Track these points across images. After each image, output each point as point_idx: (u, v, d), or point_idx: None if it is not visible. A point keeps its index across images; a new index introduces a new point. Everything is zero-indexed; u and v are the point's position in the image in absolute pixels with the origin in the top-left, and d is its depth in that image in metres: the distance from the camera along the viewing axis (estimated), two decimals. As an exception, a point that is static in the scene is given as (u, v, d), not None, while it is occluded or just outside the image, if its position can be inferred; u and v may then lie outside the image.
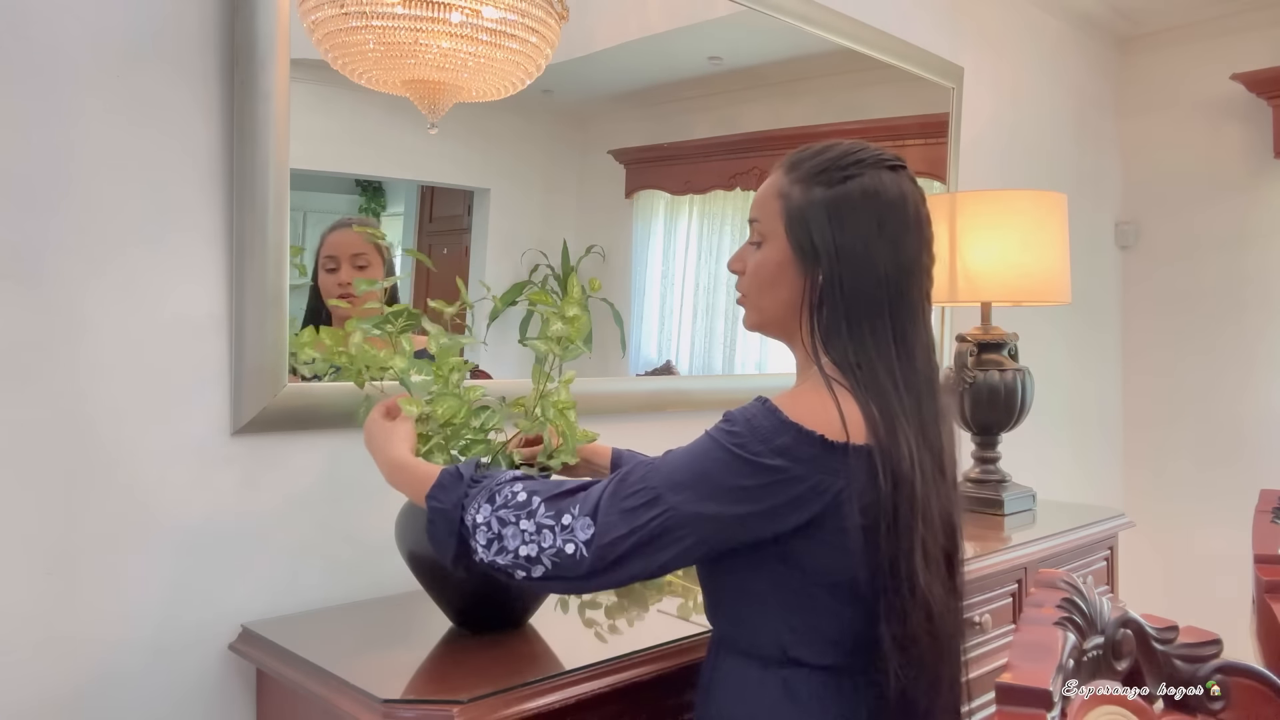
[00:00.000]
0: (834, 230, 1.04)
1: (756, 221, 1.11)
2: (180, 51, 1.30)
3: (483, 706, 1.06)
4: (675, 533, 0.97)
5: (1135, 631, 0.94)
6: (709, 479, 0.98)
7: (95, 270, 1.24)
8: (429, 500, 1.06)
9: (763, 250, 1.09)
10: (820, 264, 1.04)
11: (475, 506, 1.03)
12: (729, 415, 1.02)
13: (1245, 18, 3.19)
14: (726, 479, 0.97)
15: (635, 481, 1.00)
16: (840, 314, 1.04)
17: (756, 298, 1.12)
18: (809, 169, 1.08)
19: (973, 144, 2.71)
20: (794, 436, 0.97)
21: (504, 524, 1.01)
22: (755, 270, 1.10)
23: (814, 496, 0.97)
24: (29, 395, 1.19)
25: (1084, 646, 0.91)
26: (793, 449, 0.97)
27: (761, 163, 2.17)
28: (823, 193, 1.05)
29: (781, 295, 1.08)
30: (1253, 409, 3.23)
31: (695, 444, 1.02)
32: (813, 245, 1.05)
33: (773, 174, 1.12)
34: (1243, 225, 3.24)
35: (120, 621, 1.26)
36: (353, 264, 1.49)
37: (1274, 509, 1.27)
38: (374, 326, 1.26)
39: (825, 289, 1.04)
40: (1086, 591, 0.95)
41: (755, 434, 0.98)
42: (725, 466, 0.98)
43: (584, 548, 0.98)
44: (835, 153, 1.08)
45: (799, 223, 1.06)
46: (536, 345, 1.27)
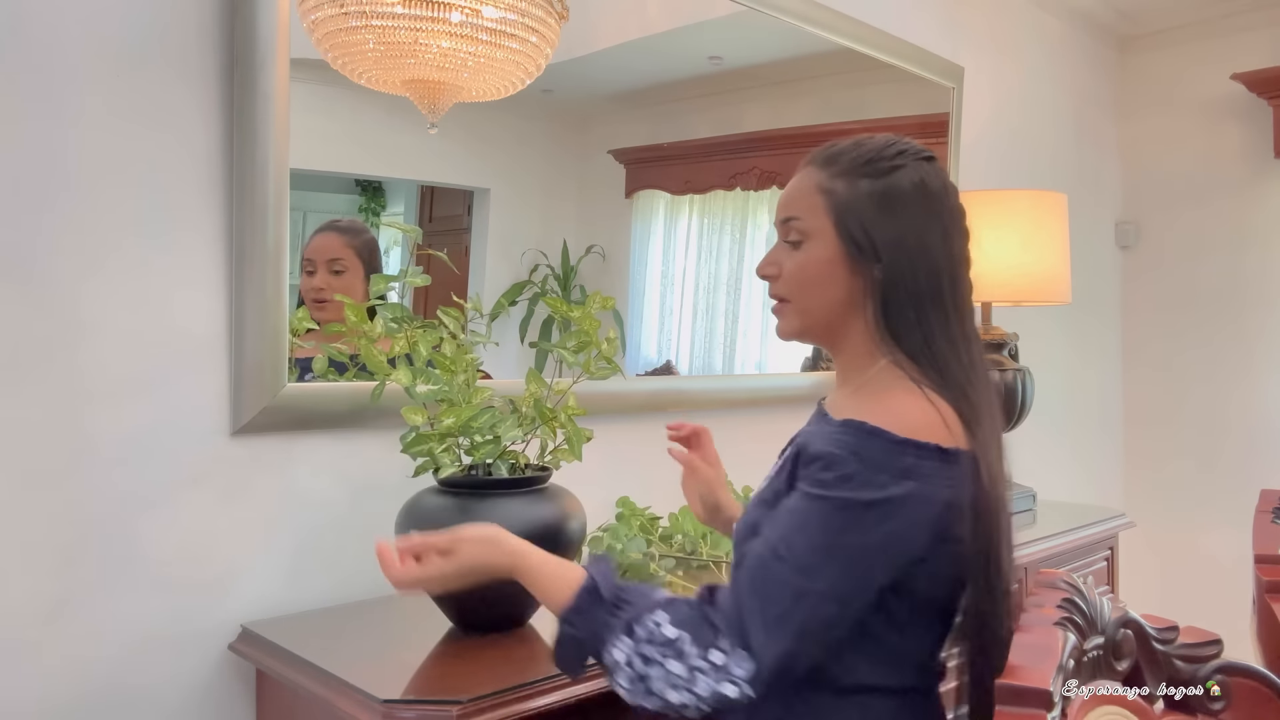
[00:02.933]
0: (889, 222, 1.00)
1: (795, 220, 1.04)
2: (180, 51, 1.30)
3: (483, 706, 1.06)
4: (834, 617, 0.90)
5: (1135, 632, 0.94)
6: (843, 549, 0.90)
7: (95, 270, 1.24)
8: (562, 623, 0.96)
9: (806, 250, 1.03)
10: (878, 258, 0.99)
11: (614, 640, 0.92)
12: (825, 456, 0.93)
13: (1245, 18, 3.18)
14: (864, 538, 0.90)
15: (771, 585, 0.90)
16: (909, 308, 0.99)
17: (802, 300, 1.04)
18: (850, 162, 1.03)
19: (973, 144, 2.71)
20: (914, 454, 0.91)
21: (648, 663, 0.90)
22: (799, 271, 1.03)
23: (944, 512, 0.92)
24: (29, 395, 1.19)
25: (1084, 646, 0.91)
26: (916, 468, 0.91)
27: (761, 163, 2.17)
28: (870, 185, 1.01)
29: (832, 295, 1.02)
30: (1253, 409, 3.23)
31: (808, 512, 0.92)
32: (869, 239, 0.99)
33: (804, 171, 1.06)
34: (1243, 225, 3.24)
35: (120, 621, 1.26)
36: (329, 269, 1.49)
37: (1274, 509, 1.27)
38: (392, 320, 1.27)
39: (887, 284, 0.99)
40: (1087, 592, 0.95)
41: (870, 464, 0.90)
42: (853, 524, 0.90)
43: (746, 685, 0.88)
44: (875, 145, 1.04)
45: (850, 217, 1.00)
46: (566, 356, 1.29)
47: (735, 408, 2.06)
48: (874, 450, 0.91)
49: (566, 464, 1.33)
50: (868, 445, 0.91)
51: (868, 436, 0.92)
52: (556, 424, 1.30)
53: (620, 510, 1.72)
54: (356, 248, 1.53)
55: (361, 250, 1.54)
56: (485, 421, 1.24)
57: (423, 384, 1.24)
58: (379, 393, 1.30)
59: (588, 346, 1.30)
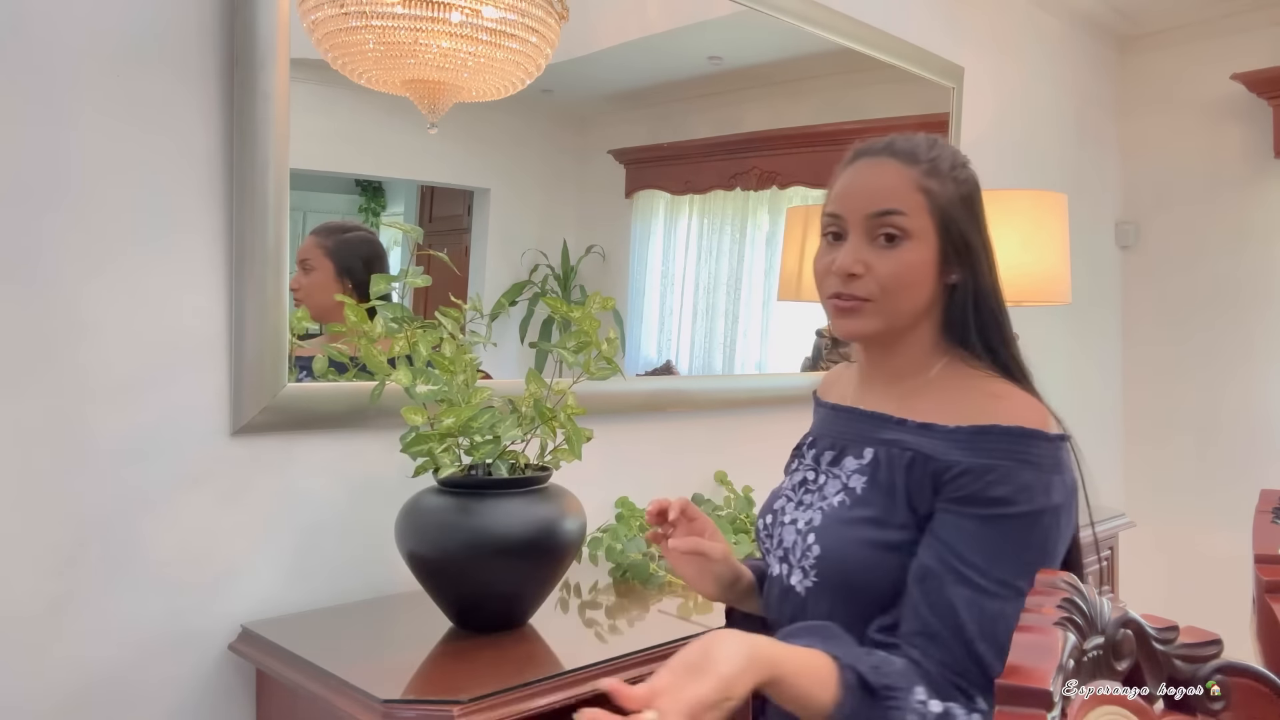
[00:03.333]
0: (974, 226, 1.01)
1: (898, 215, 0.98)
2: (180, 51, 1.30)
3: (483, 706, 1.06)
4: None
5: (1135, 631, 0.94)
6: (1043, 558, 0.91)
7: (95, 270, 1.24)
8: None
9: (905, 249, 0.98)
10: (972, 261, 1.00)
11: None
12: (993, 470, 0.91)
13: (1245, 18, 3.18)
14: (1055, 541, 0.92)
15: (998, 621, 0.89)
16: (980, 310, 1.01)
17: (890, 302, 0.99)
18: (935, 161, 1.01)
19: (973, 144, 2.70)
20: (1059, 447, 0.94)
21: None
22: (897, 272, 0.98)
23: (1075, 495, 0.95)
24: (29, 395, 1.19)
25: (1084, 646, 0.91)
26: (1065, 461, 0.94)
27: (761, 163, 2.17)
28: (956, 188, 1.01)
29: (920, 297, 1.00)
30: (1253, 408, 3.23)
31: (1003, 536, 0.90)
32: (965, 243, 1.00)
33: (886, 164, 1.01)
34: (1243, 225, 3.24)
35: (121, 621, 1.26)
36: (302, 267, 1.52)
37: (1274, 509, 1.27)
38: (392, 320, 1.27)
39: (963, 287, 1.00)
40: (1087, 591, 0.94)
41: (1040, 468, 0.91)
42: (1050, 531, 0.92)
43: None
44: (943, 146, 1.03)
45: (950, 219, 0.99)
46: (566, 356, 1.29)
47: (735, 408, 2.06)
48: (1037, 453, 0.91)
49: (566, 464, 1.33)
50: (1028, 450, 0.91)
51: (1024, 441, 0.91)
52: (556, 424, 1.30)
53: (619, 511, 1.72)
54: (327, 247, 1.56)
55: (334, 250, 1.57)
56: (485, 421, 1.24)
57: (423, 384, 1.24)
58: (379, 393, 1.30)
59: (588, 347, 1.30)
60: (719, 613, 1.41)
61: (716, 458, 1.97)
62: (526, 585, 1.28)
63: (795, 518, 1.04)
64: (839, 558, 0.97)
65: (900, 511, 0.96)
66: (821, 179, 1.20)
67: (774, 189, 2.18)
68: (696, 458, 1.95)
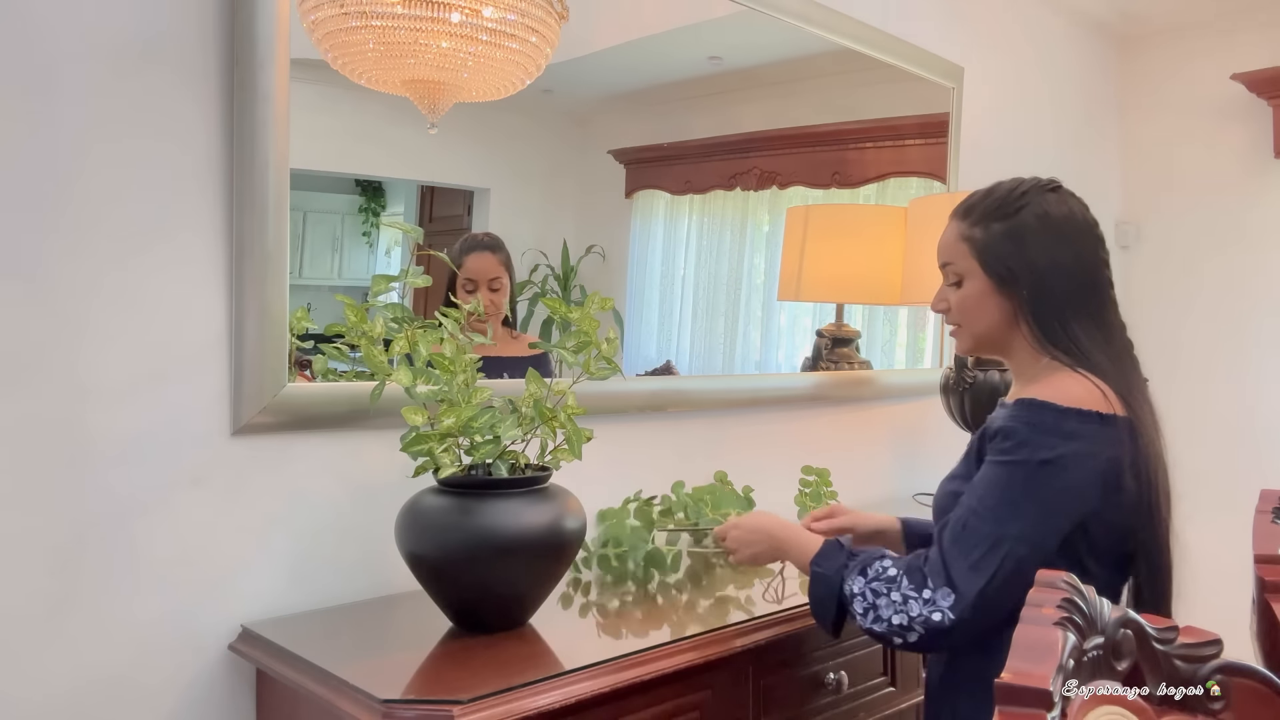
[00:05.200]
0: (1021, 254, 1.24)
1: (950, 265, 1.30)
2: (180, 52, 1.30)
3: (483, 706, 1.06)
4: (1024, 562, 1.10)
5: (1135, 631, 0.94)
6: (1032, 500, 1.13)
7: (94, 270, 1.24)
8: (813, 565, 1.25)
9: (964, 288, 1.29)
10: (1022, 283, 1.24)
11: (851, 578, 1.20)
12: (1005, 430, 1.17)
13: (1245, 18, 3.18)
14: (1043, 491, 1.13)
15: (970, 535, 1.14)
16: (1055, 316, 1.23)
17: (969, 326, 1.30)
18: (983, 211, 1.27)
19: (973, 144, 2.70)
20: (1076, 419, 1.14)
21: (877, 595, 1.17)
22: (961, 305, 1.29)
23: (1107, 467, 1.14)
24: (30, 395, 1.19)
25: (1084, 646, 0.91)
26: (1080, 430, 1.14)
27: (761, 163, 2.17)
28: (1001, 226, 1.25)
29: (991, 318, 1.28)
30: (1253, 408, 3.23)
31: (995, 476, 1.16)
32: (1010, 270, 1.24)
33: (950, 224, 1.31)
34: (1243, 225, 3.24)
35: (120, 621, 1.26)
36: (489, 288, 1.57)
37: (1274, 509, 1.27)
38: (392, 320, 1.27)
39: (1034, 301, 1.24)
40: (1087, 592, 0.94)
41: (1040, 430, 1.14)
42: (1034, 479, 1.13)
43: (949, 613, 1.12)
44: (1001, 192, 1.28)
45: (990, 256, 1.25)
46: (566, 356, 1.29)
47: (735, 408, 2.06)
48: (1043, 419, 1.15)
49: (566, 464, 1.33)
50: (1037, 416, 1.15)
51: (1036, 409, 1.16)
52: (556, 424, 1.30)
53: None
54: (506, 264, 1.66)
55: (509, 265, 1.67)
56: (485, 421, 1.24)
57: (423, 384, 1.24)
58: (379, 393, 1.30)
59: (587, 347, 1.30)
60: (719, 613, 1.41)
61: (716, 458, 1.98)
62: (526, 585, 1.28)
63: None
64: (938, 506, 1.30)
65: (972, 469, 1.23)
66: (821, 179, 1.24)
67: (774, 189, 2.18)
68: (696, 458, 1.95)
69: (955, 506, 1.19)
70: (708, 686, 1.32)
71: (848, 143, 2.40)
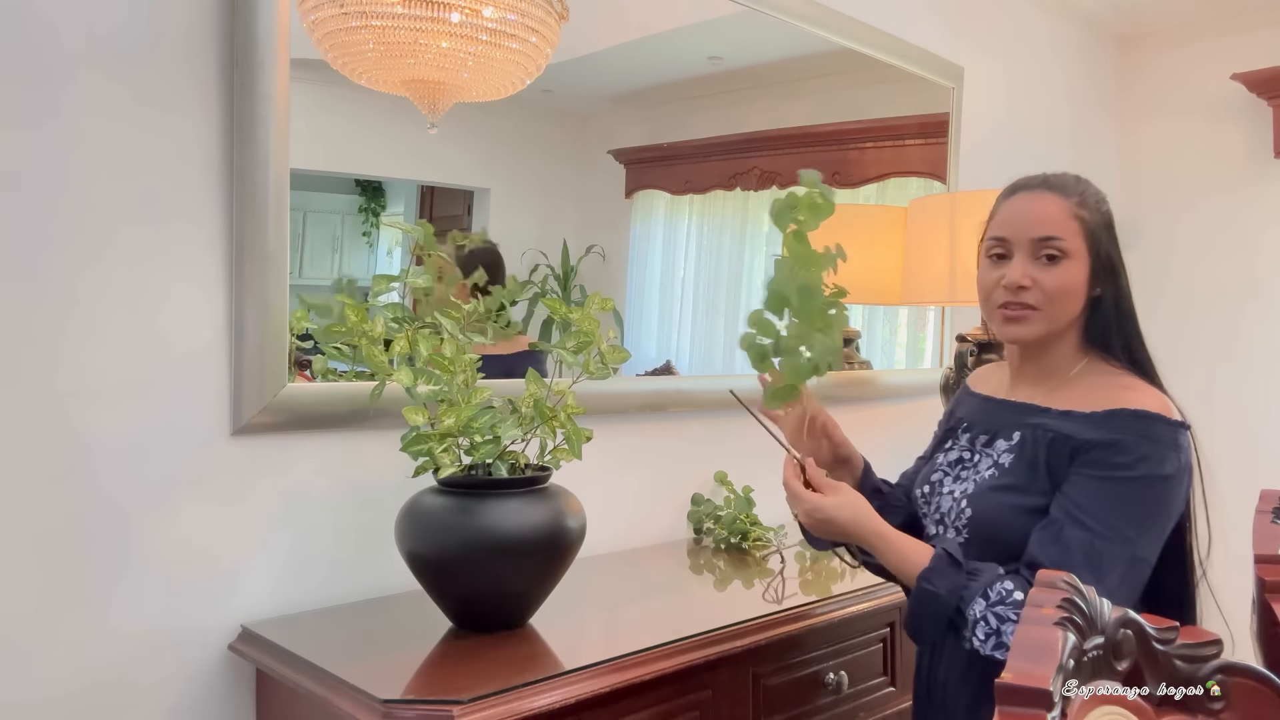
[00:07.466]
0: (1115, 248, 1.23)
1: (1058, 240, 1.19)
2: (180, 52, 1.30)
3: (482, 706, 1.06)
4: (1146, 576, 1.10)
5: (1135, 632, 0.94)
6: (1160, 515, 1.11)
7: (95, 270, 1.24)
8: (922, 582, 1.12)
9: (1065, 266, 1.19)
10: (1115, 278, 1.22)
11: (972, 599, 1.09)
12: (1115, 443, 1.11)
13: (1245, 18, 3.18)
14: (1167, 506, 1.12)
15: (1100, 559, 1.08)
16: (1116, 318, 1.22)
17: (1053, 309, 1.20)
18: (1084, 195, 1.22)
19: (973, 144, 2.70)
20: (1179, 431, 1.13)
21: (1003, 621, 1.07)
22: (1059, 285, 1.19)
23: (1190, 476, 1.15)
24: (29, 395, 1.19)
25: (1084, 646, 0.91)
26: (1182, 441, 1.14)
27: (761, 163, 2.17)
28: (1101, 217, 1.22)
29: (1074, 306, 1.21)
30: (1252, 409, 3.23)
31: (1117, 493, 1.10)
32: (1110, 261, 1.21)
33: (1045, 197, 1.21)
34: (1243, 225, 3.24)
35: (121, 621, 1.26)
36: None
37: (1274, 509, 1.27)
38: (392, 320, 1.27)
39: (1106, 298, 1.21)
40: (1087, 592, 0.94)
41: (1158, 444, 1.11)
42: (1163, 496, 1.11)
43: None
44: (1086, 182, 1.24)
45: (1099, 242, 1.21)
46: (566, 356, 1.29)
47: (735, 408, 2.05)
48: (1157, 432, 1.11)
49: (566, 464, 1.33)
50: (1149, 429, 1.12)
51: (1146, 421, 1.12)
52: (556, 424, 1.30)
53: None
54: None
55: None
56: (485, 421, 1.24)
57: (423, 384, 1.24)
58: (379, 393, 1.30)
59: (587, 347, 1.30)
60: (719, 614, 1.41)
61: (716, 458, 1.97)
62: (526, 585, 1.28)
63: (952, 489, 1.25)
64: (986, 518, 1.19)
65: (1040, 481, 1.16)
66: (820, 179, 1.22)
67: (774, 189, 2.18)
68: (696, 458, 1.95)
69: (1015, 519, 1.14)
70: (708, 686, 1.32)
71: (848, 143, 2.40)
